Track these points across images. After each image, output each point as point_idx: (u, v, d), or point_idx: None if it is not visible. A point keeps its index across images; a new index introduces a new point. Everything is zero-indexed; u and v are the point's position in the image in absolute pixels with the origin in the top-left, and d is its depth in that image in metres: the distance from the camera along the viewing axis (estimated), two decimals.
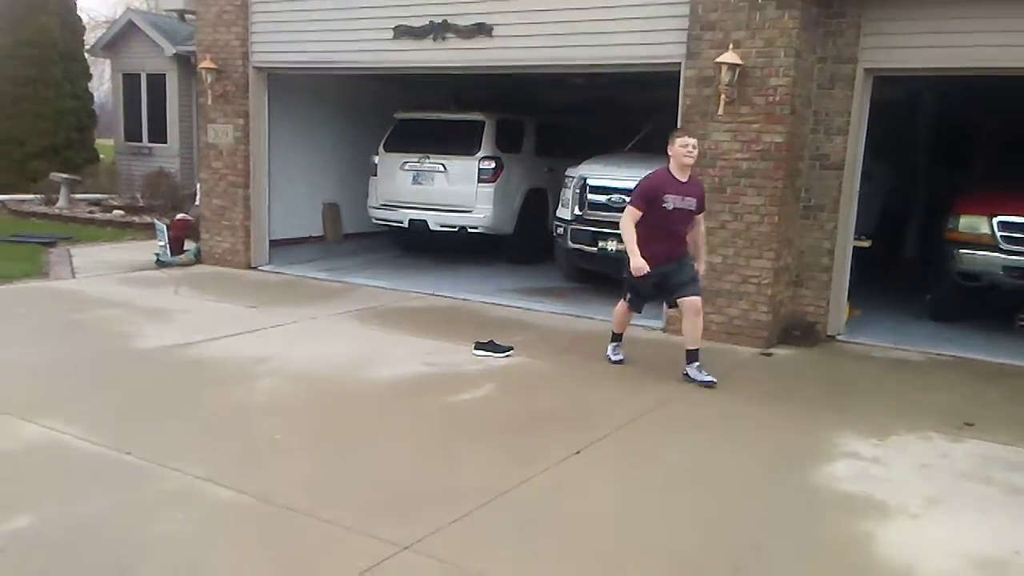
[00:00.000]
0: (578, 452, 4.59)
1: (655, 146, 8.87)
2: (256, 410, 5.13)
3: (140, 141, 17.02)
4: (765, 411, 5.45)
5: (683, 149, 5.83)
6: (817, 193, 7.26)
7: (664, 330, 7.39)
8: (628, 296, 6.28)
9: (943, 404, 5.71)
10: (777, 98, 6.80)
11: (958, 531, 3.85)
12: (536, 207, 10.59)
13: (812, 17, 6.94)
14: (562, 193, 9.09)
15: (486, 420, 5.11)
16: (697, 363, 5.94)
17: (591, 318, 7.81)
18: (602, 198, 8.54)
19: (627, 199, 8.29)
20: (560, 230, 8.96)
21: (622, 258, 8.30)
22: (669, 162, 5.93)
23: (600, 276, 9.13)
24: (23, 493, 3.85)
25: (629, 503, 4.02)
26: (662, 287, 6.07)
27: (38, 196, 14.91)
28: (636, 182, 8.27)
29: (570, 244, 8.79)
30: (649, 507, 3.99)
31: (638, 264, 5.79)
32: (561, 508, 3.93)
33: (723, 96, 6.94)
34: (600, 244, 8.45)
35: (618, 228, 8.29)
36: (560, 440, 4.74)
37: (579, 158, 9.10)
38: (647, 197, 5.87)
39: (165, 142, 16.64)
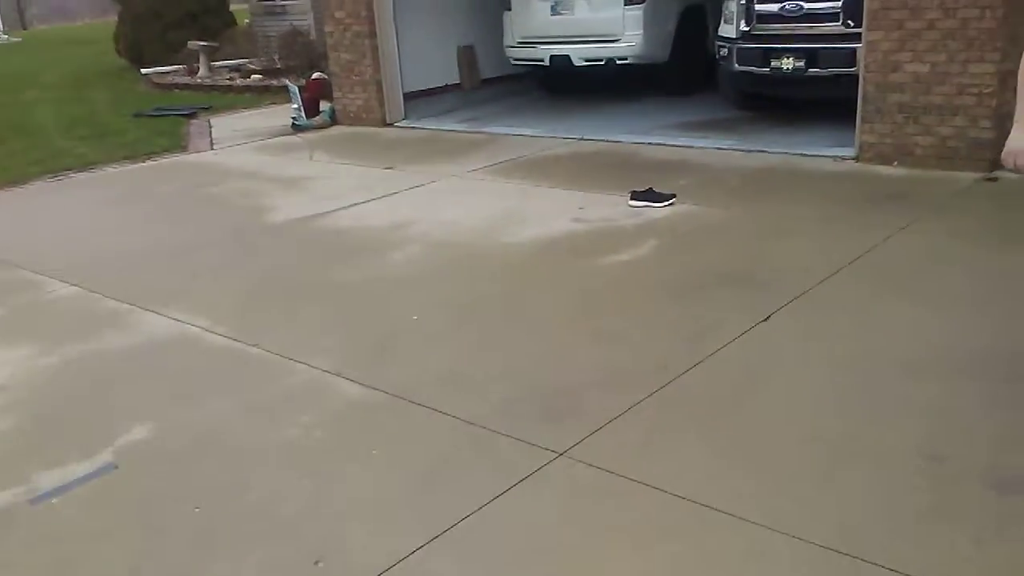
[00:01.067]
0: (766, 319, 3.79)
1: None
2: (392, 285, 4.61)
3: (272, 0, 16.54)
4: (996, 254, 4.37)
5: None
6: None
7: (858, 159, 6.24)
8: None
9: None
10: None
11: None
12: (693, 28, 9.25)
13: None
14: (724, 7, 7.78)
15: (648, 285, 4.36)
16: None
17: (765, 151, 6.74)
18: (773, 7, 7.19)
19: (806, 5, 7.10)
20: (724, 51, 7.73)
21: (801, 77, 7.14)
22: None
23: (773, 101, 7.92)
24: (143, 398, 3.52)
25: (834, 385, 3.21)
26: None
27: (179, 67, 14.84)
28: None
29: (736, 66, 7.57)
30: (860, 387, 3.16)
31: (1012, 147, 2.76)
32: (749, 394, 3.19)
33: None
34: (773, 63, 7.19)
35: (795, 42, 7.14)
36: (741, 305, 3.94)
37: None
38: None
39: None
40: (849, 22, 6.68)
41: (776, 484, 2.63)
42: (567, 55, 9.22)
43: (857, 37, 6.29)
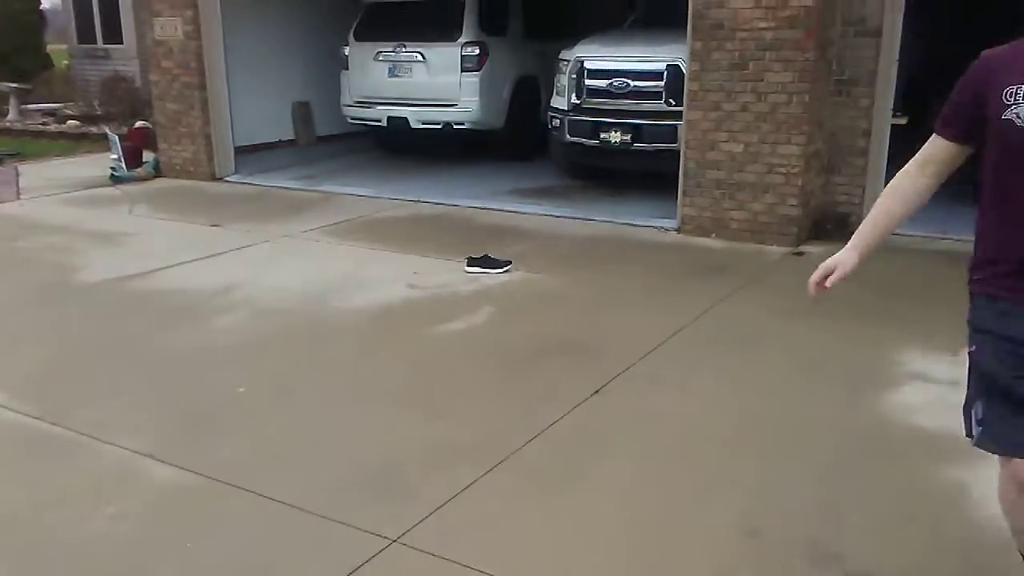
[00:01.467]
0: (598, 391, 3.86)
1: (659, 19, 7.91)
2: (214, 355, 4.36)
3: (94, 43, 15.70)
4: (805, 324, 4.68)
5: None
6: (851, 65, 6.32)
7: (679, 230, 6.57)
8: (976, 415, 2.09)
9: None
10: None
11: None
12: (527, 97, 9.57)
13: None
14: (556, 80, 8.10)
15: (483, 355, 4.35)
16: None
17: (595, 220, 6.98)
18: (602, 83, 7.56)
19: (632, 83, 7.48)
20: (556, 122, 8.01)
21: (628, 150, 7.49)
22: None
23: (602, 171, 8.25)
24: None
25: (659, 458, 3.30)
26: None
27: None
28: (643, 62, 7.42)
29: (568, 137, 7.87)
30: (685, 463, 3.26)
31: (826, 265, 2.41)
32: (582, 471, 3.21)
33: None
34: (602, 135, 7.52)
35: (622, 117, 7.48)
36: (575, 376, 4.00)
37: (574, 39, 8.07)
38: (961, 100, 2.07)
39: (121, 42, 15.34)
40: (671, 100, 7.11)
41: (607, 565, 2.64)
42: (405, 117, 9.28)
43: (679, 115, 6.68)
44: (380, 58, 9.36)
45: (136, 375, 4.12)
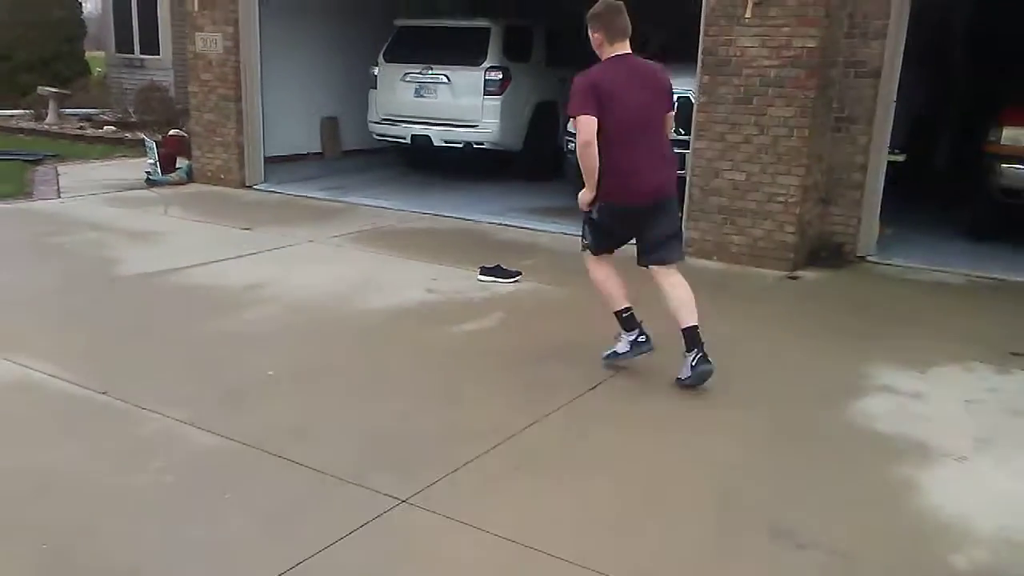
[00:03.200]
0: (594, 387, 4.22)
1: (669, 54, 8.31)
2: (245, 343, 4.76)
3: (132, 53, 16.32)
4: (790, 339, 5.06)
5: None
6: (850, 103, 6.70)
7: None
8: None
9: (987, 331, 5.30)
10: None
11: (1013, 475, 3.49)
12: (546, 121, 10.01)
13: None
14: None
15: (492, 353, 4.73)
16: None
17: None
18: None
19: None
20: (571, 146, 8.40)
21: None
22: None
23: None
24: None
25: (647, 445, 3.67)
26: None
27: (27, 111, 14.35)
28: None
29: None
30: (670, 450, 3.63)
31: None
32: (577, 452, 3.58)
33: None
34: None
35: None
36: (574, 374, 4.37)
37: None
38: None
39: (158, 54, 15.94)
40: (680, 130, 7.47)
41: (591, 528, 3.01)
42: (428, 135, 9.72)
43: (685, 144, 7.06)
44: (407, 79, 9.82)
45: (173, 357, 4.52)
